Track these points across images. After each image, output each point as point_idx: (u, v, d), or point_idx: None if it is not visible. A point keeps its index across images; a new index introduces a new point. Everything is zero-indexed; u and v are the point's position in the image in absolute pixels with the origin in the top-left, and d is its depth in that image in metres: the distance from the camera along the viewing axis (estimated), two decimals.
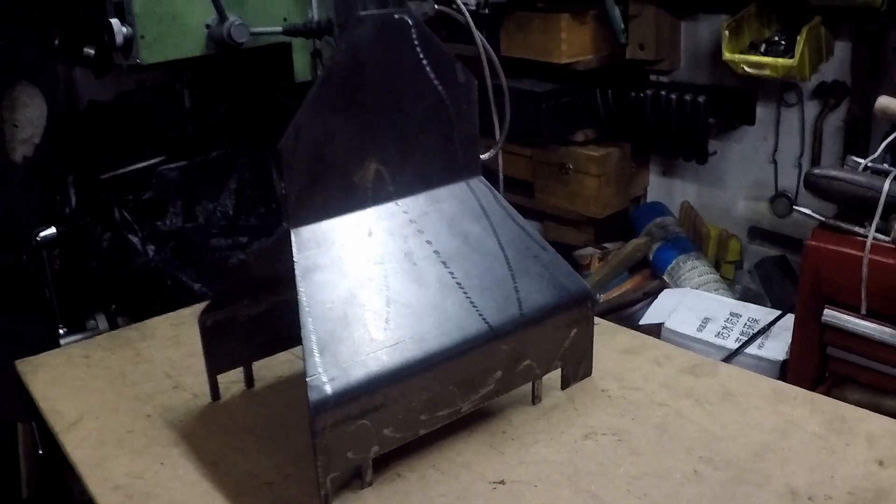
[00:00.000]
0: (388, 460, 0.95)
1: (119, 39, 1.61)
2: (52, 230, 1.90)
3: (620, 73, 2.32)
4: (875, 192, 1.31)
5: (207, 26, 1.75)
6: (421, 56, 1.00)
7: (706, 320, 1.91)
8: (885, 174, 1.43)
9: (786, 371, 1.76)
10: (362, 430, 0.89)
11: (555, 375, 1.11)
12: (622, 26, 2.12)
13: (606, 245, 2.64)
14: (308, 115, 0.92)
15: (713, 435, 1.04)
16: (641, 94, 2.18)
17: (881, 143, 1.98)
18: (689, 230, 2.49)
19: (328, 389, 0.86)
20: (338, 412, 0.86)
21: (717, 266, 2.37)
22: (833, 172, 1.37)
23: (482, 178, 1.13)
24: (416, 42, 0.99)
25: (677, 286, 2.28)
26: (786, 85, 2.08)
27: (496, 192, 1.13)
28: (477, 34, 1.80)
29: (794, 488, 0.94)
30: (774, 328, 1.80)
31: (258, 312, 1.12)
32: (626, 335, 1.30)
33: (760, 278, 2.24)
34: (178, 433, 1.06)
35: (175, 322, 1.36)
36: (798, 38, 1.79)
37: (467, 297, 1.00)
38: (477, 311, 1.00)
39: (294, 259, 0.91)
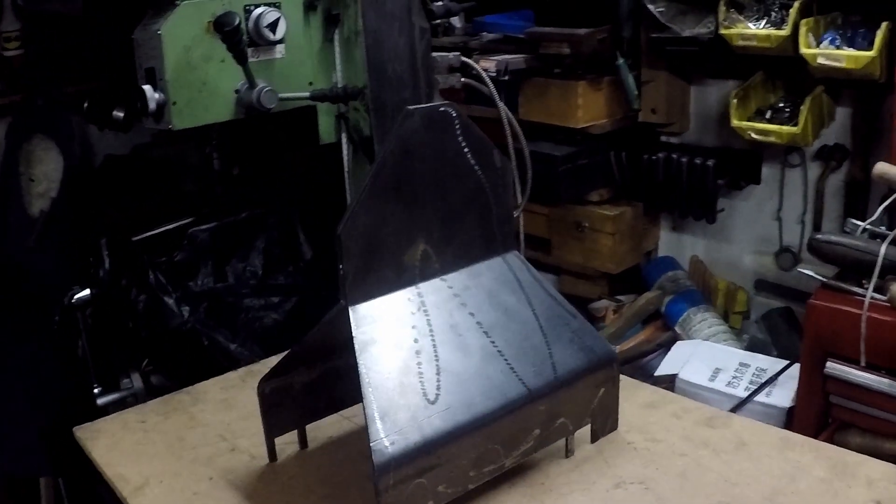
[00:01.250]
0: None
1: (152, 106, 1.67)
2: (87, 292, 2.03)
3: (633, 135, 2.47)
4: (872, 255, 1.44)
5: (237, 91, 1.84)
6: (463, 144, 1.13)
7: (717, 370, 2.03)
8: (882, 237, 1.56)
9: (792, 417, 1.88)
10: (419, 487, 1.00)
11: (585, 430, 1.22)
12: (636, 92, 2.27)
13: (620, 298, 2.76)
14: (363, 203, 1.04)
15: (729, 481, 1.15)
16: (653, 157, 2.32)
17: (879, 204, 2.13)
18: (699, 283, 2.61)
19: (389, 452, 0.97)
20: (398, 473, 0.97)
21: (725, 317, 2.49)
22: (834, 238, 1.51)
23: (517, 252, 1.26)
24: (458, 131, 1.12)
25: (689, 337, 2.39)
26: (790, 147, 2.22)
27: (529, 265, 1.26)
28: (500, 103, 1.96)
29: None
30: (781, 377, 1.91)
31: (311, 379, 1.23)
32: (647, 390, 1.42)
33: (767, 329, 2.36)
34: (242, 494, 1.16)
35: (224, 386, 1.46)
36: (801, 107, 1.94)
37: (508, 364, 1.12)
38: (517, 375, 1.12)
39: (353, 334, 1.02)
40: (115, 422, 1.35)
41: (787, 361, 2.01)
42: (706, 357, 2.09)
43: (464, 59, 1.93)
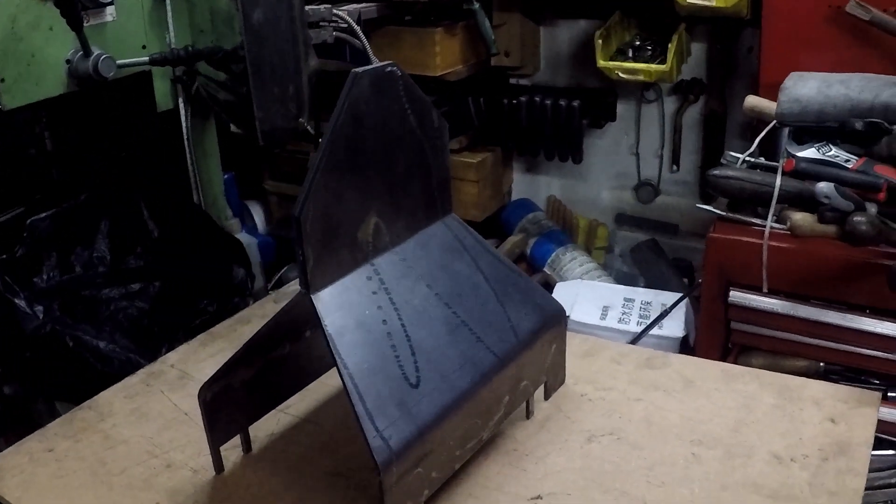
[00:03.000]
0: (431, 501, 0.99)
1: None
2: None
3: (486, 80, 2.44)
4: (769, 187, 1.50)
5: (68, 62, 1.66)
6: (406, 106, 1.04)
7: (606, 308, 2.08)
8: (761, 168, 1.63)
9: (686, 345, 1.97)
10: (417, 478, 0.93)
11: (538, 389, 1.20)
12: (493, 37, 2.23)
13: None
14: (319, 179, 0.93)
15: (692, 419, 1.17)
16: (515, 101, 2.31)
17: (736, 135, 2.25)
18: (559, 222, 2.67)
19: (390, 448, 0.88)
20: (400, 467, 0.89)
21: (587, 252, 2.56)
22: (731, 172, 1.56)
23: (453, 214, 1.19)
24: (402, 92, 1.03)
25: (560, 277, 2.44)
26: (647, 83, 2.28)
27: (468, 226, 1.20)
28: (373, 56, 1.85)
29: (776, 453, 1.09)
30: (670, 306, 2.00)
31: (251, 376, 1.11)
32: (576, 339, 1.40)
33: (636, 261, 2.45)
34: None
35: (128, 394, 1.28)
36: (669, 45, 1.99)
37: (473, 334, 1.06)
38: (484, 344, 1.06)
39: (323, 326, 0.92)
40: (16, 456, 1.14)
41: (667, 292, 2.12)
42: (591, 296, 2.14)
43: (335, 11, 1.80)
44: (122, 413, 1.23)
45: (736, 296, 1.59)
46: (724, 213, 1.61)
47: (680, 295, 2.02)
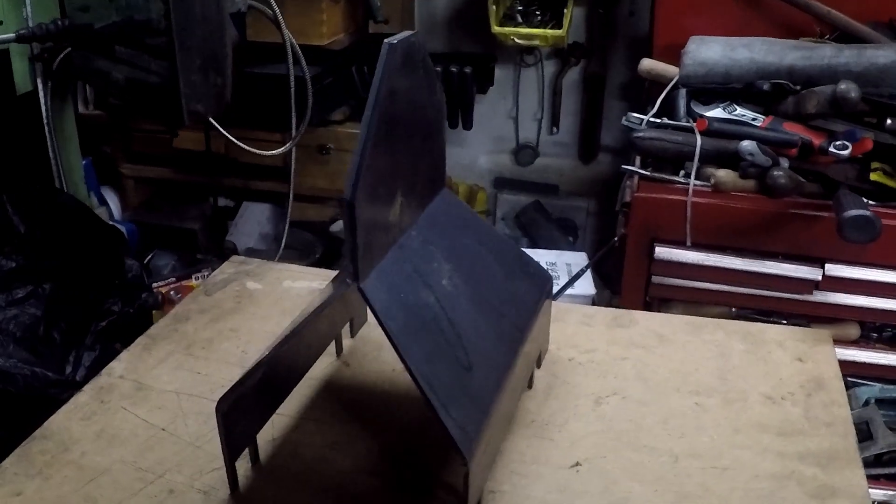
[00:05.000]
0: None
1: None
2: None
3: (366, 48, 2.37)
4: (691, 146, 1.59)
5: None
6: (423, 76, 0.99)
7: None
8: (663, 127, 1.73)
9: (591, 302, 2.07)
10: (485, 463, 0.91)
11: None
12: (378, 4, 2.17)
13: None
14: (366, 161, 0.86)
15: (680, 372, 1.23)
16: None
17: (616, 96, 2.36)
18: None
19: (470, 436, 0.85)
20: (479, 454, 0.87)
21: None
22: (655, 134, 1.63)
23: (446, 188, 1.15)
24: (421, 63, 0.98)
25: None
26: (525, 48, 2.33)
27: (458, 198, 1.17)
28: (284, 28, 1.74)
29: (766, 394, 1.17)
30: (572, 267, 2.08)
31: (257, 379, 1.02)
32: None
33: (524, 224, 2.52)
34: None
35: (83, 416, 1.11)
36: (565, 10, 2.03)
37: (495, 309, 1.04)
38: (507, 319, 1.05)
39: (382, 319, 0.86)
40: None
41: (567, 252, 2.20)
42: None
43: None
44: (86, 438, 1.07)
45: (661, 251, 1.68)
46: (647, 174, 1.69)
47: (582, 254, 2.11)
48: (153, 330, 1.33)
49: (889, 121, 1.58)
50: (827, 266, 1.60)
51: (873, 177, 1.53)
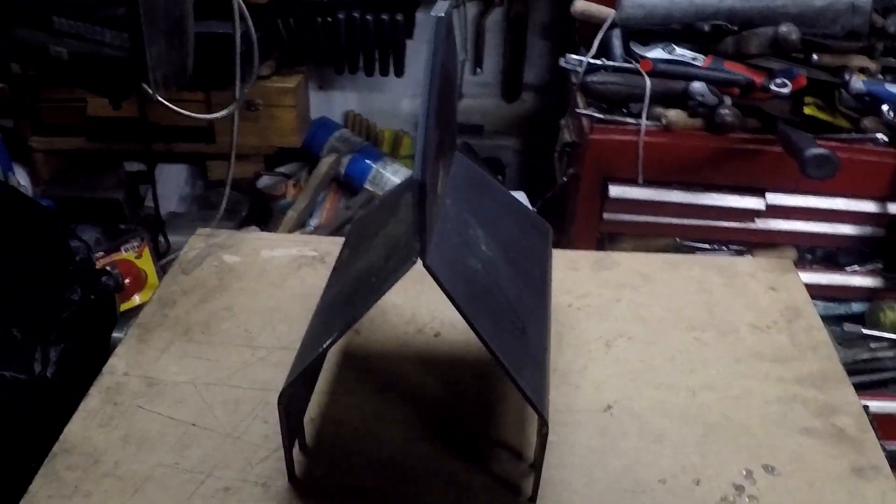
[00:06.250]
0: None
1: None
2: None
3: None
4: (640, 89, 1.65)
5: None
6: (451, 39, 0.98)
7: None
8: (603, 69, 1.78)
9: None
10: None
11: None
12: None
13: (281, 170, 2.63)
14: (431, 139, 0.85)
15: (672, 309, 1.30)
16: (330, 19, 2.19)
17: (539, 36, 2.37)
18: (362, 137, 2.63)
19: (542, 399, 0.89)
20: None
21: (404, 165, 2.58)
22: (606, 77, 1.68)
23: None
24: (450, 28, 0.97)
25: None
26: None
27: (463, 157, 1.17)
28: None
29: (752, 324, 1.26)
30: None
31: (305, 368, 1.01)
32: None
33: None
34: None
35: (101, 422, 1.06)
36: None
37: (524, 269, 1.07)
38: (534, 278, 1.08)
39: (449, 293, 0.86)
40: None
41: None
42: None
43: None
44: (113, 446, 1.01)
45: (615, 190, 1.75)
46: (601, 116, 1.74)
47: (521, 193, 2.16)
48: (142, 318, 1.26)
49: (815, 56, 1.70)
50: (768, 195, 1.73)
51: (807, 111, 1.66)
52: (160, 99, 1.39)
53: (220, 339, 1.20)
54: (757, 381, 1.14)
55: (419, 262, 0.84)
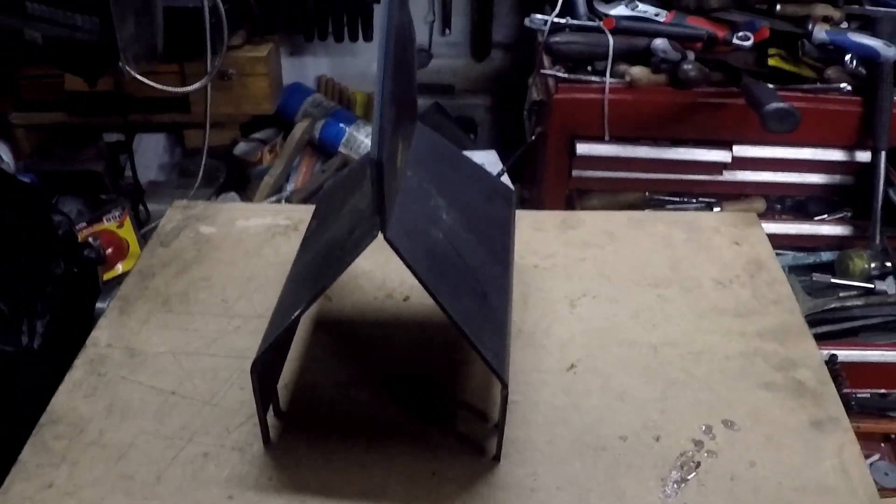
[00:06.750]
0: None
1: None
2: None
3: None
4: (604, 47, 1.66)
5: None
6: (409, 10, 0.99)
7: None
8: (569, 28, 1.79)
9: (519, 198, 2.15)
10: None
11: None
12: None
13: (256, 136, 2.63)
14: (388, 113, 0.87)
15: (636, 267, 1.33)
16: None
17: None
18: (335, 100, 2.63)
19: (503, 363, 0.92)
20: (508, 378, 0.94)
21: None
22: (570, 38, 1.69)
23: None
24: None
25: (360, 156, 2.45)
26: None
27: (425, 127, 1.19)
28: None
29: (716, 279, 1.29)
30: (486, 166, 2.14)
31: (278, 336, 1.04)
32: None
33: (430, 126, 2.53)
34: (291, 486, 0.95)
35: (86, 393, 1.08)
36: None
37: (487, 235, 1.09)
38: (497, 243, 1.10)
39: (410, 264, 0.88)
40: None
41: (479, 151, 2.25)
42: None
43: None
44: (97, 416, 1.04)
45: (582, 148, 1.78)
46: (566, 76, 1.75)
47: (492, 152, 2.17)
48: (123, 290, 1.29)
49: (779, 6, 1.71)
50: (734, 148, 1.76)
51: (771, 62, 1.67)
52: (135, 75, 1.40)
53: (198, 309, 1.23)
54: (718, 336, 1.18)
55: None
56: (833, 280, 1.84)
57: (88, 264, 1.44)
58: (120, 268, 2.11)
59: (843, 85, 1.75)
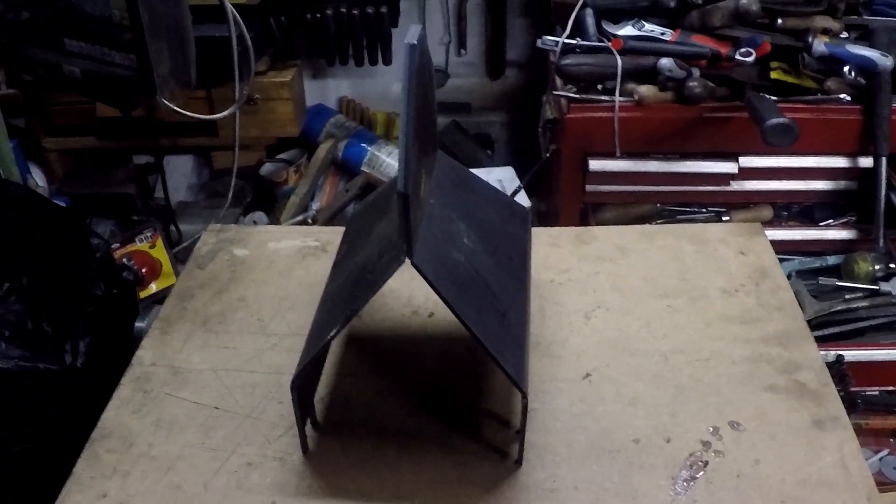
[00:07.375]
0: None
1: None
2: None
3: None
4: (612, 67, 1.74)
5: None
6: (427, 58, 1.07)
7: None
8: (579, 49, 1.87)
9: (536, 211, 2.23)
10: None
11: None
12: None
13: (282, 157, 2.73)
14: (411, 153, 0.94)
15: (648, 279, 1.40)
16: (319, 15, 2.28)
17: (517, 15, 2.45)
18: (357, 121, 2.72)
19: (523, 375, 1.00)
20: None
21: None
22: (580, 59, 1.77)
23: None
24: (426, 46, 1.05)
25: (382, 175, 2.54)
26: None
27: (445, 154, 1.27)
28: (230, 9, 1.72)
29: (722, 288, 1.36)
30: (503, 183, 2.23)
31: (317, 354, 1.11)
32: None
33: (449, 144, 2.62)
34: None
35: (134, 409, 1.17)
36: None
37: (504, 254, 1.17)
38: (514, 263, 1.18)
39: (435, 287, 0.95)
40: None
41: (497, 168, 2.34)
42: None
43: None
44: (146, 430, 1.13)
45: (595, 164, 1.85)
46: (577, 96, 1.84)
47: (509, 169, 2.26)
48: (164, 312, 1.38)
49: (780, 20, 1.78)
50: (741, 159, 1.83)
51: (773, 75, 1.74)
52: (171, 107, 1.49)
53: (235, 328, 1.31)
54: (725, 342, 1.25)
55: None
56: (839, 283, 1.90)
57: (127, 286, 1.53)
58: (154, 287, 2.18)
59: (842, 96, 1.81)
